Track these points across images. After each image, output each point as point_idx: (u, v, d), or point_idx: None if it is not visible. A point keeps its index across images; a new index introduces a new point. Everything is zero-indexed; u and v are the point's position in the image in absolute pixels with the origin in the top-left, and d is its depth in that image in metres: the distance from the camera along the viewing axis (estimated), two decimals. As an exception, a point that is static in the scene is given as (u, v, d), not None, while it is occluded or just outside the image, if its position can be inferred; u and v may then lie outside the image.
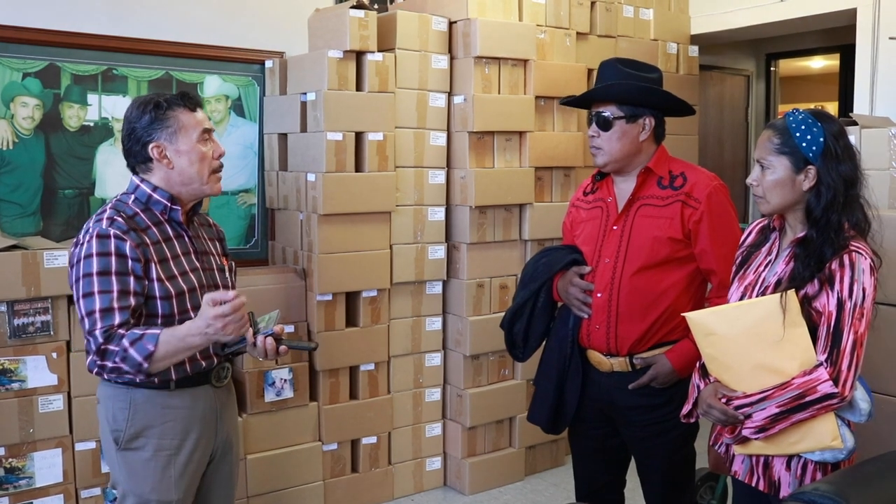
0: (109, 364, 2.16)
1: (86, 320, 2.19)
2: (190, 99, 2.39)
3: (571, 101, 2.87)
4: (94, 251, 2.20)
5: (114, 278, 2.19)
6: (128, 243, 2.22)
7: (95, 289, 2.18)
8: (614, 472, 2.90)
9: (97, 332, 2.16)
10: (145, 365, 2.14)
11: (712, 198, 2.61)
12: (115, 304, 2.18)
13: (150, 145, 2.33)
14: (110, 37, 3.87)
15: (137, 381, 2.25)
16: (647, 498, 2.85)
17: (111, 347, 2.15)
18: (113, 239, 2.21)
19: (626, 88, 2.64)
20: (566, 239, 2.95)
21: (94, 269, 2.19)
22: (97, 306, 2.17)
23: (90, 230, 2.24)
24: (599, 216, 2.76)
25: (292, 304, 3.84)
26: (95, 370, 2.24)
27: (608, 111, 2.66)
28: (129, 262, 2.21)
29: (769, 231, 2.29)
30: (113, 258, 2.20)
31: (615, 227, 2.68)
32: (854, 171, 2.11)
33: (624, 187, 2.73)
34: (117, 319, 2.17)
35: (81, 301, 2.20)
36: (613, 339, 2.65)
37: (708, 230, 2.59)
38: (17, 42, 3.65)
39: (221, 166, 2.45)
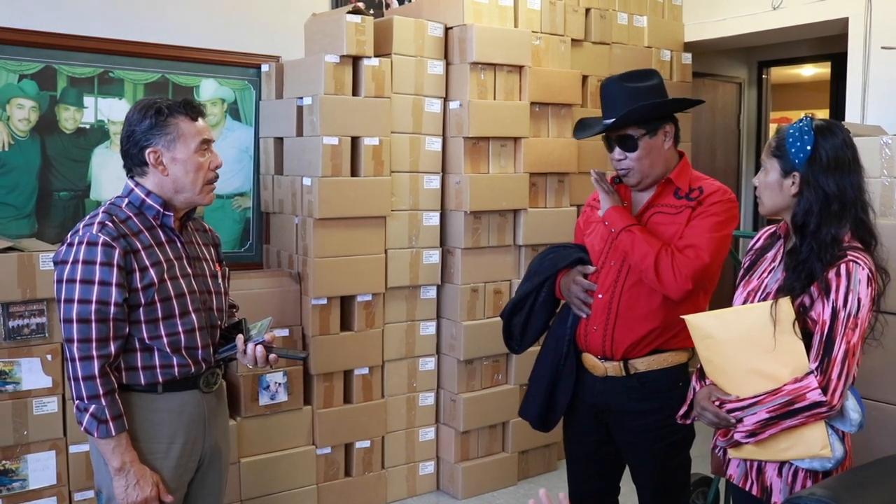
0: (80, 388, 2.22)
1: (63, 326, 2.24)
2: (192, 108, 2.38)
3: (590, 134, 2.78)
4: (80, 258, 2.22)
5: (95, 288, 2.21)
6: (116, 251, 2.22)
7: (76, 296, 2.21)
8: (608, 478, 2.89)
9: (76, 354, 2.22)
10: (83, 418, 2.22)
11: (717, 203, 2.59)
12: (94, 317, 2.20)
13: (147, 150, 2.33)
14: (107, 39, 3.87)
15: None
16: None
17: (86, 401, 2.22)
18: (101, 247, 2.22)
19: (649, 109, 2.60)
20: (577, 238, 2.94)
21: (78, 275, 2.21)
22: (75, 315, 2.21)
23: (80, 234, 2.25)
24: None
25: (287, 308, 3.84)
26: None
27: (630, 132, 2.62)
28: (115, 270, 2.22)
29: (776, 238, 2.31)
30: (97, 267, 2.21)
31: None
32: (841, 186, 2.09)
33: (641, 193, 2.72)
34: (94, 334, 2.21)
35: (62, 304, 2.24)
36: (609, 343, 2.64)
37: (699, 224, 2.55)
38: (13, 44, 3.65)
39: (217, 177, 2.44)
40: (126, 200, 2.36)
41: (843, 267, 2.05)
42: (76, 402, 2.23)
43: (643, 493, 2.82)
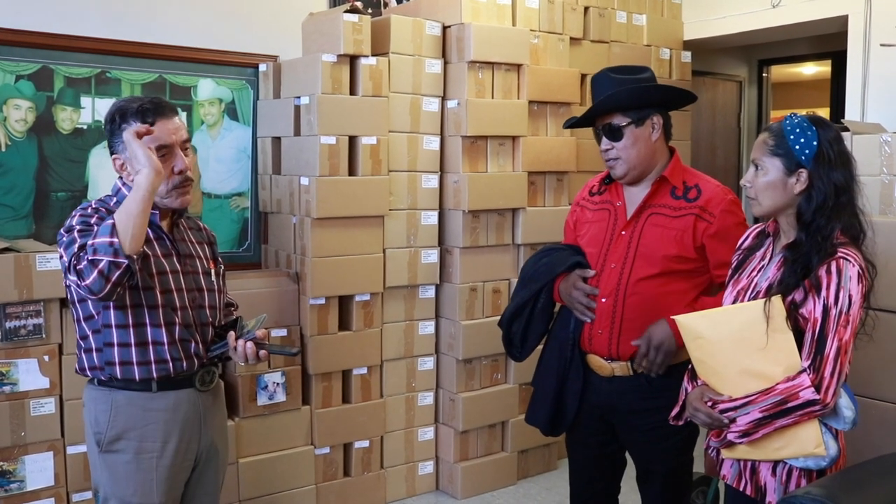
0: (88, 271, 2.07)
1: (63, 261, 2.17)
2: (148, 112, 2.30)
3: (577, 122, 2.80)
4: (75, 222, 2.22)
5: (93, 226, 2.18)
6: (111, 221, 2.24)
7: (76, 241, 2.15)
8: (610, 479, 2.87)
9: (66, 260, 2.13)
10: (116, 241, 2.06)
11: (727, 213, 2.58)
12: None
13: (113, 157, 2.36)
14: (104, 39, 3.87)
15: (121, 278, 2.14)
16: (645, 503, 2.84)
17: (82, 257, 2.09)
18: (95, 213, 2.25)
19: (628, 93, 2.60)
20: (567, 237, 2.91)
21: (75, 229, 2.19)
22: (74, 250, 2.13)
23: (74, 213, 2.27)
24: (606, 219, 2.72)
25: (285, 307, 3.84)
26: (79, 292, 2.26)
27: (615, 120, 2.61)
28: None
29: (765, 236, 2.30)
30: (93, 222, 2.21)
31: (623, 233, 2.65)
32: (847, 178, 2.11)
33: (635, 192, 2.69)
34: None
35: (62, 254, 2.18)
36: (616, 345, 2.61)
37: (726, 245, 2.53)
38: (10, 44, 3.65)
39: (186, 181, 2.38)
40: (114, 199, 2.38)
41: (833, 264, 2.04)
42: (82, 257, 2.09)
43: (649, 492, 2.80)
